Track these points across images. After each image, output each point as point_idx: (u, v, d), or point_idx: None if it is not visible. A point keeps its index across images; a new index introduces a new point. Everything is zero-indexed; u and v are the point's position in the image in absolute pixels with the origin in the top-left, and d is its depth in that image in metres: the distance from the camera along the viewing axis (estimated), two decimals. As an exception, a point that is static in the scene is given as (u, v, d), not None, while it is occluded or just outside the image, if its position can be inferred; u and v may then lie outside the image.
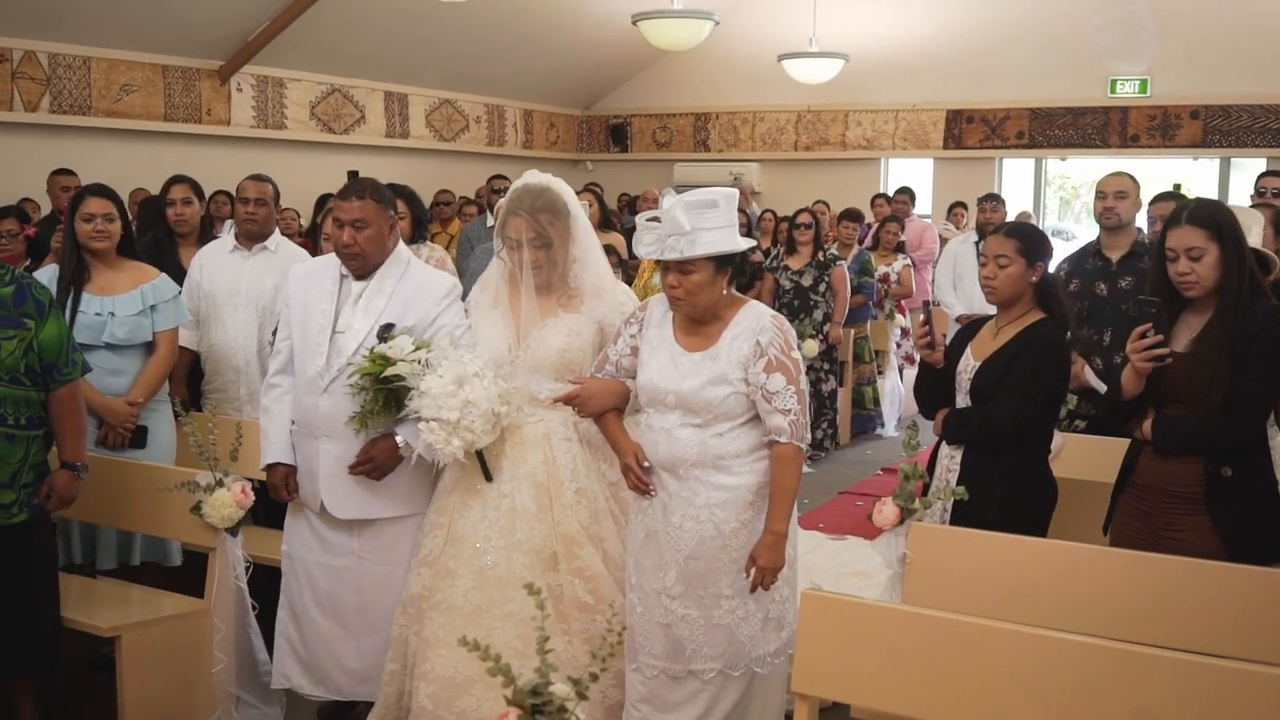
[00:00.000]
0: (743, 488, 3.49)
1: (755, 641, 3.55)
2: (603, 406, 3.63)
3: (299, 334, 4.02)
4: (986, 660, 2.82)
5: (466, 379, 3.66)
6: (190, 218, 5.68)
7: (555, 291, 3.86)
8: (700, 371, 3.47)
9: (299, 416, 4.03)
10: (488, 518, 3.79)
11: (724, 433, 3.47)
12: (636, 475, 3.55)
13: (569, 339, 3.82)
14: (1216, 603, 3.25)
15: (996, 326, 3.92)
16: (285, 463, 4.05)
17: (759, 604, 3.54)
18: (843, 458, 9.08)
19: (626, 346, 3.65)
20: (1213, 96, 12.92)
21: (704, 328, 3.52)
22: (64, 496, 3.90)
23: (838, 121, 14.91)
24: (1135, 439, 3.68)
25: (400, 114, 13.47)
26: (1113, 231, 5.14)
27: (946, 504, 3.83)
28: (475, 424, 3.65)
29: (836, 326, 8.73)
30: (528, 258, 3.77)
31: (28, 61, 9.76)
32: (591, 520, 3.83)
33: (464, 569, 3.77)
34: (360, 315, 3.94)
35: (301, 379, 4.00)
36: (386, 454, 3.89)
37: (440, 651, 3.72)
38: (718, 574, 3.50)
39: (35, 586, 3.87)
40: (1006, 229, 3.90)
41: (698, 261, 3.38)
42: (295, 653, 4.13)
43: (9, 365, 3.71)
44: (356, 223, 3.91)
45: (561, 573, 3.76)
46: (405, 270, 4.02)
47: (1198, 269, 3.46)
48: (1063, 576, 3.45)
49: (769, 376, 3.42)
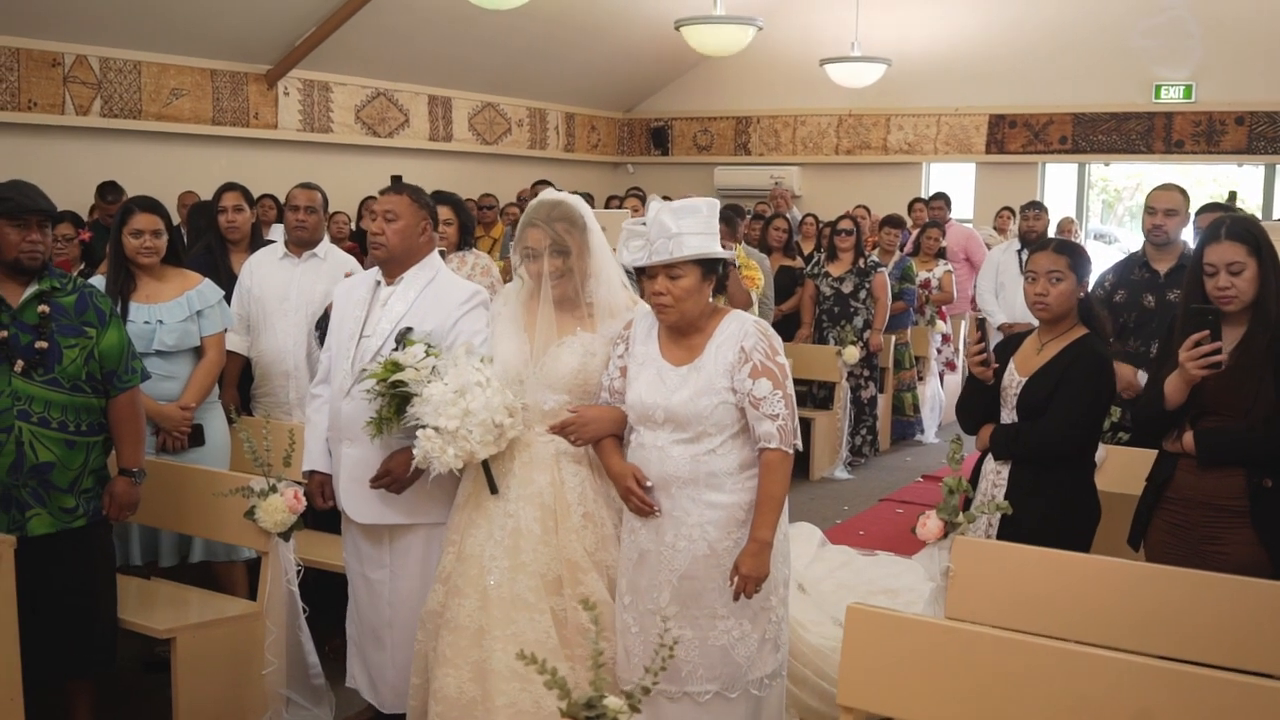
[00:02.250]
0: (735, 505, 3.44)
1: (752, 663, 3.49)
2: (599, 434, 3.59)
3: (335, 341, 4.11)
4: (1029, 676, 2.85)
5: (468, 388, 3.63)
6: (242, 225, 5.79)
7: (573, 307, 3.77)
8: (687, 384, 3.43)
9: (330, 422, 4.09)
10: (493, 537, 3.72)
11: (715, 448, 3.42)
12: (639, 496, 3.48)
13: (584, 359, 3.72)
14: (1264, 620, 3.24)
15: (1040, 341, 3.93)
16: (321, 470, 4.11)
17: (755, 624, 3.48)
18: (883, 464, 9.10)
19: (616, 369, 3.62)
20: (1258, 103, 12.82)
21: (688, 340, 3.49)
22: (123, 503, 3.98)
23: (879, 125, 14.90)
24: (1168, 453, 3.67)
25: (444, 117, 13.58)
26: (1161, 247, 5.12)
27: (991, 518, 3.85)
28: (474, 433, 3.60)
29: (877, 333, 8.74)
30: (547, 266, 3.68)
31: (79, 66, 9.92)
32: (598, 546, 3.72)
33: (470, 588, 3.72)
34: (384, 320, 3.99)
35: (334, 385, 4.07)
36: (404, 467, 3.86)
37: (448, 671, 3.69)
38: (712, 593, 3.45)
39: (96, 589, 3.97)
40: (1055, 245, 3.92)
41: (685, 266, 3.38)
42: (360, 655, 4.19)
43: (71, 373, 3.81)
44: (387, 213, 4.00)
45: (565, 598, 3.67)
46: (433, 277, 4.07)
47: (1237, 283, 3.48)
48: (1107, 592, 3.45)
49: (755, 382, 3.37)
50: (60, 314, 3.82)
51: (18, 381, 3.72)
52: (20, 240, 3.74)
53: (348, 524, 4.13)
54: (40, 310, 3.78)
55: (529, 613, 3.60)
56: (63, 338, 3.80)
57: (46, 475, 3.78)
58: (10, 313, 3.75)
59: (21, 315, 3.77)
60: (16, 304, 3.77)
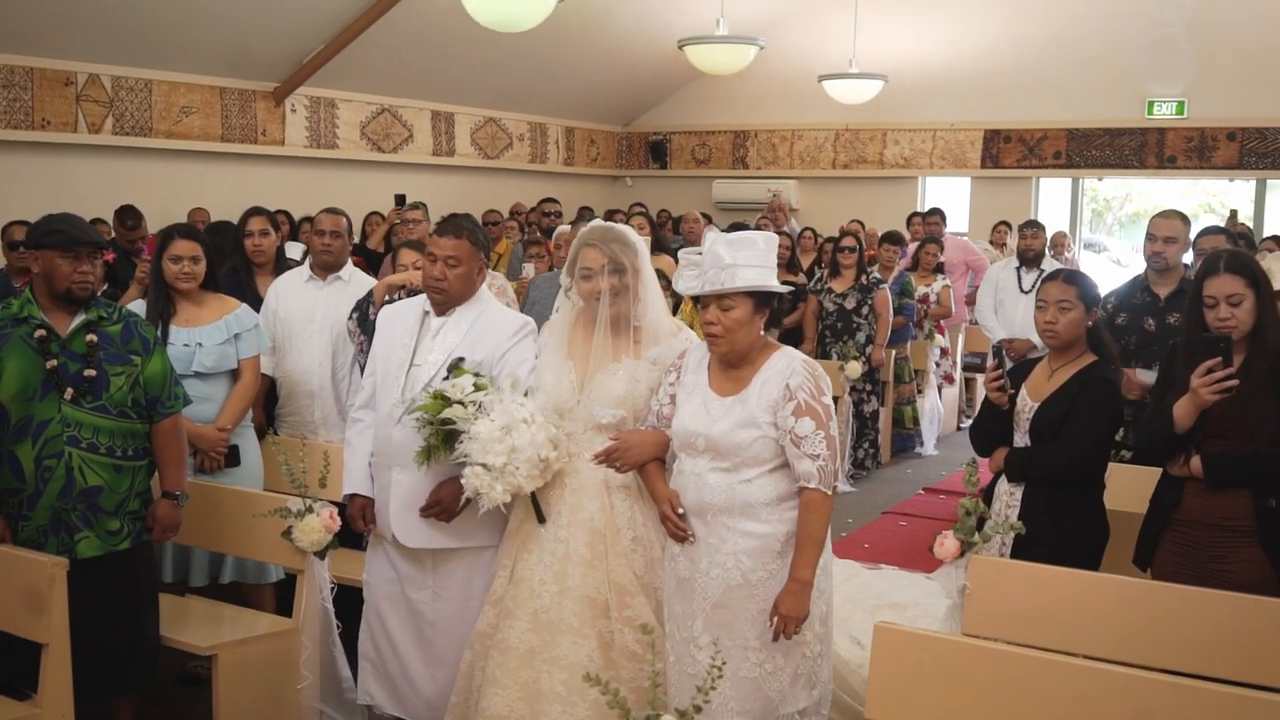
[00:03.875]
0: (771, 536, 3.47)
1: (785, 698, 3.50)
2: (641, 458, 3.67)
3: (381, 368, 4.17)
4: (1045, 689, 3.00)
5: (514, 425, 3.70)
6: (267, 248, 5.92)
7: (623, 330, 3.85)
8: (730, 415, 3.47)
9: (377, 448, 4.14)
10: (544, 562, 3.81)
11: (752, 479, 3.47)
12: (674, 522, 3.55)
13: (630, 385, 3.80)
14: (1271, 636, 3.37)
15: (1051, 368, 4.09)
16: (363, 494, 4.17)
17: (788, 658, 3.50)
18: (884, 476, 9.24)
19: (666, 396, 3.69)
20: (1250, 119, 13.03)
21: (737, 372, 3.54)
22: (166, 525, 4.12)
23: (876, 140, 15.08)
24: (1173, 476, 3.81)
25: (447, 133, 13.74)
26: (1161, 272, 5.28)
27: (1005, 538, 3.99)
28: (520, 469, 3.69)
29: (879, 349, 8.89)
30: (605, 285, 3.77)
31: (92, 84, 10.06)
32: (646, 569, 3.80)
33: (521, 611, 3.80)
34: (436, 350, 4.05)
35: (380, 411, 4.13)
36: (452, 497, 3.93)
37: (496, 691, 3.77)
38: (744, 624, 3.48)
39: (140, 608, 4.10)
40: (1065, 276, 4.08)
41: (737, 298, 3.43)
42: (377, 672, 4.28)
43: (118, 400, 3.95)
44: (450, 260, 4.00)
45: (612, 620, 3.74)
46: (483, 310, 4.14)
47: (1237, 314, 3.65)
48: (1118, 609, 3.59)
49: (798, 420, 3.41)
50: (107, 343, 3.96)
51: (67, 408, 3.85)
52: (72, 271, 3.87)
53: (381, 545, 4.21)
54: (88, 339, 3.92)
55: (572, 636, 3.71)
56: (110, 366, 3.94)
57: (95, 499, 3.91)
58: (59, 342, 3.89)
59: (70, 344, 3.90)
60: (65, 333, 3.91)
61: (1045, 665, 3.06)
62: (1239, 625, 3.42)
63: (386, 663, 4.24)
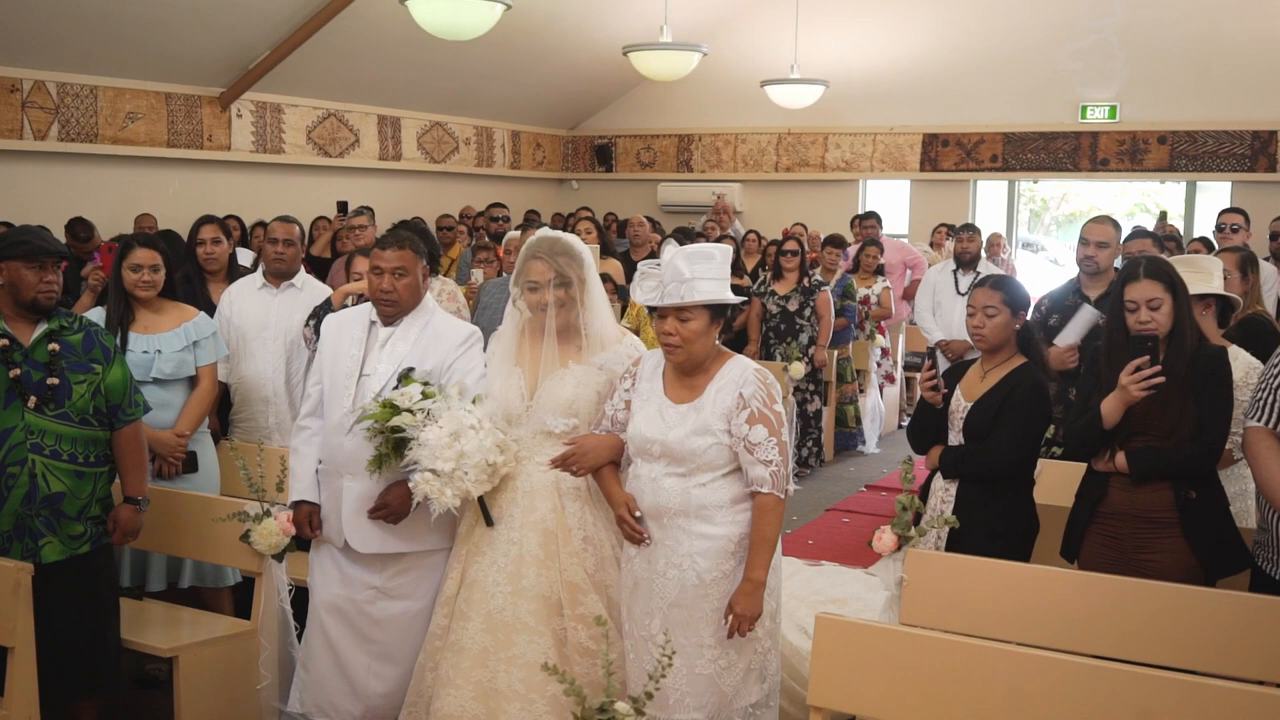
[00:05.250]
0: (725, 538, 3.58)
1: (738, 693, 3.62)
2: (598, 462, 3.76)
3: (329, 378, 4.22)
4: (978, 674, 3.17)
5: (463, 431, 3.79)
6: (219, 256, 6.00)
7: (570, 338, 3.96)
8: (685, 422, 3.59)
9: (326, 456, 4.20)
10: (497, 564, 3.90)
11: (706, 483, 3.58)
12: (630, 525, 3.67)
13: (578, 390, 3.91)
14: (1190, 621, 3.56)
15: (983, 369, 4.27)
16: (310, 501, 4.23)
17: (741, 654, 3.62)
18: (827, 474, 9.42)
19: (621, 401, 3.79)
20: (1179, 122, 13.40)
21: (691, 380, 3.65)
22: (127, 529, 4.20)
23: (817, 144, 15.31)
24: (1098, 472, 4.00)
25: (393, 137, 13.78)
26: (1093, 276, 5.47)
27: (940, 532, 4.17)
28: (469, 474, 3.78)
29: (821, 349, 9.08)
30: (551, 297, 3.88)
31: (37, 91, 10.04)
32: (598, 568, 3.91)
33: (474, 612, 3.88)
34: (385, 359, 4.13)
35: (330, 420, 4.18)
36: (400, 500, 4.01)
37: (449, 691, 3.85)
38: (700, 622, 3.59)
39: (102, 611, 4.17)
40: (991, 281, 4.26)
41: (695, 310, 3.54)
42: (309, 681, 4.28)
43: (80, 407, 4.03)
44: (397, 270, 4.10)
45: (566, 618, 3.84)
46: (430, 319, 4.23)
47: (1156, 317, 3.86)
48: (1048, 598, 3.76)
49: (751, 428, 3.53)
50: (69, 351, 4.04)
51: (30, 416, 3.93)
52: (38, 281, 3.96)
53: (327, 552, 4.24)
54: (51, 348, 4.00)
55: (529, 635, 3.81)
56: (72, 374, 4.02)
57: (58, 505, 3.99)
58: (22, 351, 3.96)
59: (33, 354, 3.98)
60: (28, 343, 3.99)
61: (978, 651, 3.22)
62: (1162, 612, 3.60)
63: (326, 672, 4.24)
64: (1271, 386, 3.66)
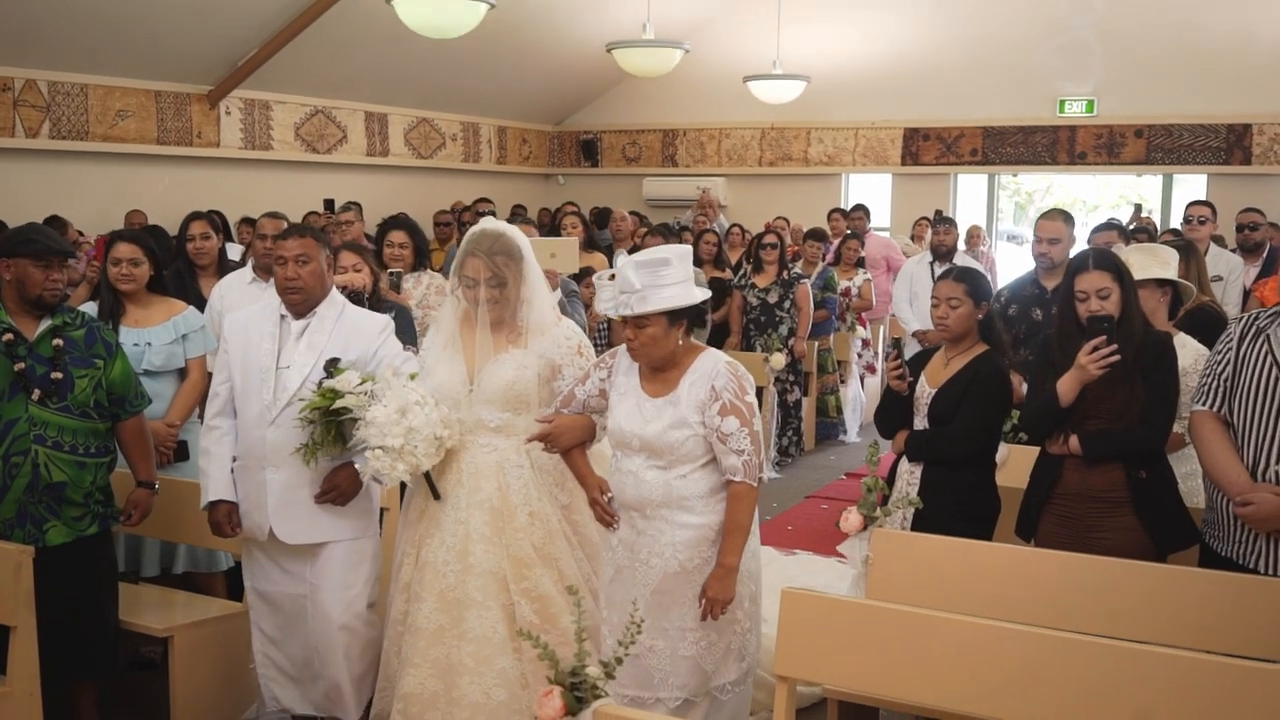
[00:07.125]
0: (705, 526, 3.69)
1: (718, 670, 3.76)
2: (573, 441, 3.87)
3: (239, 375, 4.26)
4: (939, 645, 3.30)
5: (409, 407, 3.85)
6: (209, 251, 6.15)
7: (505, 328, 4.03)
8: (662, 416, 3.68)
9: (243, 451, 4.24)
10: (446, 544, 3.99)
11: (686, 474, 3.68)
12: (603, 508, 3.79)
13: (518, 373, 3.99)
14: (1139, 595, 3.72)
15: (946, 357, 4.45)
16: (227, 500, 4.26)
17: (721, 635, 3.74)
18: (808, 463, 9.59)
19: (595, 388, 3.88)
20: (1156, 116, 13.59)
21: (665, 375, 3.73)
22: (145, 510, 4.39)
23: (800, 138, 15.47)
24: (1052, 455, 4.14)
25: (380, 133, 13.90)
26: (1048, 269, 5.65)
27: (906, 512, 4.34)
28: (419, 448, 3.85)
29: (801, 340, 9.23)
30: (484, 295, 3.94)
31: (29, 89, 10.16)
32: (546, 541, 4.01)
33: (428, 592, 3.98)
34: (303, 351, 4.19)
35: (246, 415, 4.23)
36: (349, 481, 4.15)
37: (410, 671, 3.95)
38: (682, 607, 3.71)
39: (103, 594, 4.33)
40: (955, 274, 4.44)
41: (651, 316, 3.60)
42: (278, 674, 4.38)
43: (81, 401, 4.18)
44: (300, 258, 4.16)
45: (511, 593, 3.96)
46: (342, 311, 4.30)
47: (1106, 306, 4.01)
48: (1006, 574, 3.91)
49: (724, 419, 3.61)
50: (72, 347, 4.19)
51: (34, 409, 4.08)
52: (44, 279, 4.11)
53: (257, 548, 4.31)
54: (54, 343, 4.15)
55: (477, 610, 3.94)
56: (75, 369, 4.17)
57: (60, 493, 4.13)
58: (27, 346, 4.11)
59: (37, 348, 4.13)
60: (32, 338, 4.14)
61: (940, 624, 3.34)
62: (1115, 586, 3.75)
63: (283, 661, 4.36)
64: (1215, 372, 3.83)
